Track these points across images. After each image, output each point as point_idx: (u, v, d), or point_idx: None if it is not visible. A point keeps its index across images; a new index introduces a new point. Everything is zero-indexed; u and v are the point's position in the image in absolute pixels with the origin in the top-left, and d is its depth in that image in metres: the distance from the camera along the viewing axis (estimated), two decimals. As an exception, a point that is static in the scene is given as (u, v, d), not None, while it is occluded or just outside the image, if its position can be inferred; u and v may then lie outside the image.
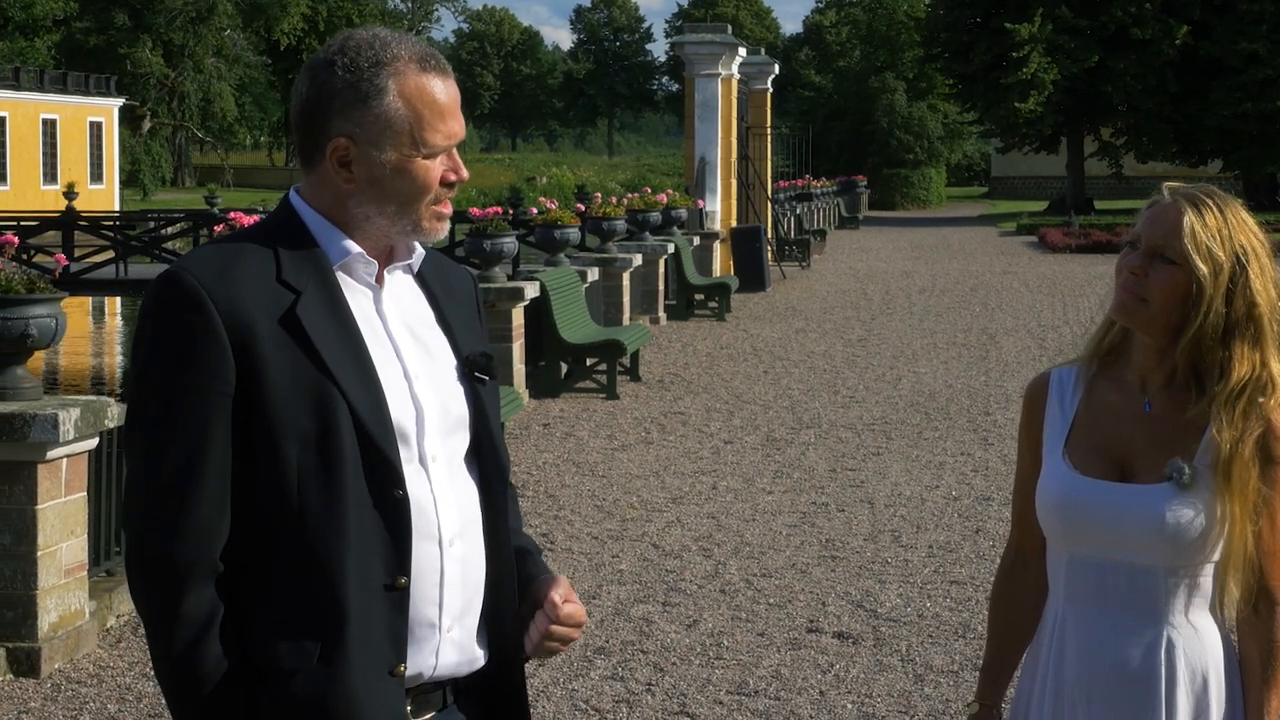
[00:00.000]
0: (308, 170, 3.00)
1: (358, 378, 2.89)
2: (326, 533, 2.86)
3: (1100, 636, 3.41)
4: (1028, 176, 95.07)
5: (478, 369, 3.07)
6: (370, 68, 2.93)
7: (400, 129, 2.93)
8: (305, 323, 2.87)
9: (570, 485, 12.54)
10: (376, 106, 2.92)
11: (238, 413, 2.85)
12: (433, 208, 2.98)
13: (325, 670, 2.85)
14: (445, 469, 2.99)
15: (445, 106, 2.97)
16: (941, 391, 17.71)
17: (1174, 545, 3.34)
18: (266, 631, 2.87)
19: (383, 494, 2.89)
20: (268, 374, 2.84)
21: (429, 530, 2.94)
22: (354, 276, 2.99)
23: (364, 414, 2.88)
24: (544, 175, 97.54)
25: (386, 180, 2.94)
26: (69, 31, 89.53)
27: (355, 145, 2.93)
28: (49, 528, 7.95)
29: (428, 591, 2.94)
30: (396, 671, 2.91)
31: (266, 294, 2.88)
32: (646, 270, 24.81)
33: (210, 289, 2.84)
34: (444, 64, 2.99)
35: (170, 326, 2.87)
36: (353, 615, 2.86)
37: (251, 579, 2.89)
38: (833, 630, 8.66)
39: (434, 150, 2.95)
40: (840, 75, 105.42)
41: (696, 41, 31.79)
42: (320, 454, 2.85)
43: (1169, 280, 3.33)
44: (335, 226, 2.98)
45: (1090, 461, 3.44)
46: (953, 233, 57.34)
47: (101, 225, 28.87)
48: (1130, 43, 67.10)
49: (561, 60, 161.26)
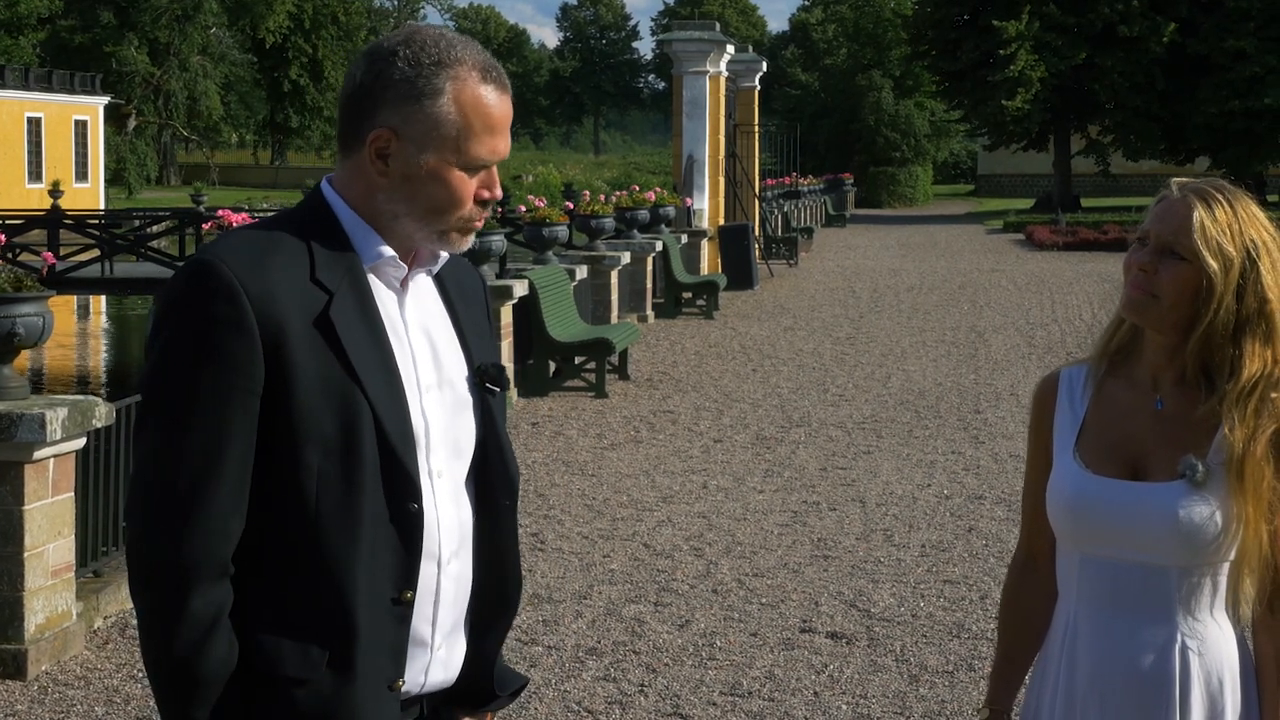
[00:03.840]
0: (344, 157, 2.91)
1: (384, 386, 2.81)
2: (341, 542, 2.78)
3: (1113, 638, 3.35)
4: (1015, 174, 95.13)
5: (489, 380, 2.98)
6: (431, 65, 2.85)
7: (446, 134, 2.84)
8: (338, 326, 2.79)
9: (560, 484, 12.48)
10: (429, 106, 2.83)
11: (263, 411, 2.76)
12: (467, 222, 2.89)
13: (332, 681, 2.79)
14: (449, 484, 2.92)
15: (497, 122, 2.88)
16: (931, 389, 17.67)
17: (1188, 544, 3.29)
18: (273, 637, 2.79)
19: (399, 506, 2.82)
20: (296, 375, 2.75)
21: (430, 547, 2.87)
22: (382, 279, 2.90)
23: (387, 423, 2.80)
24: (530, 173, 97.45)
25: (420, 182, 2.85)
26: (54, 30, 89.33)
27: (397, 139, 2.84)
28: (36, 528, 7.87)
29: (424, 609, 2.88)
30: (395, 686, 2.85)
31: (300, 292, 2.78)
32: (635, 268, 24.76)
33: (245, 281, 2.74)
34: (505, 79, 2.91)
35: (199, 317, 2.75)
36: (362, 627, 2.79)
37: (262, 582, 2.81)
38: (826, 630, 8.60)
39: (474, 163, 2.86)
40: (827, 73, 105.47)
41: (684, 39, 31.72)
42: (342, 461, 2.78)
43: (1179, 277, 3.27)
44: (368, 225, 2.89)
45: (1102, 460, 3.38)
46: (940, 230, 57.36)
47: (86, 224, 28.78)
48: (1118, 40, 67.16)
49: (548, 58, 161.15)
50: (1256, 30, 65.30)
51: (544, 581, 9.55)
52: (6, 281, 7.90)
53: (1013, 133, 71.45)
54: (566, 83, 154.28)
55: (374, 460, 2.79)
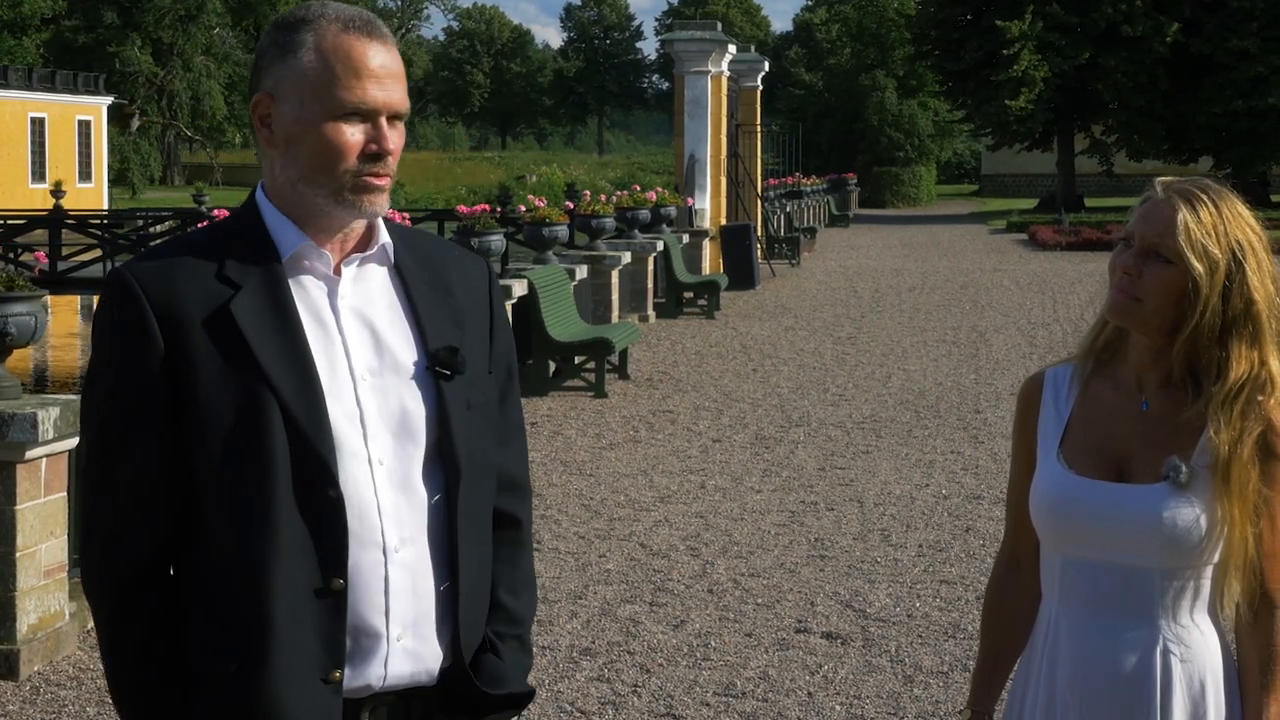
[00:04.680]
0: (259, 146, 2.96)
1: (292, 375, 2.80)
2: (252, 534, 2.78)
3: (1094, 640, 3.33)
4: (1018, 174, 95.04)
5: (440, 364, 2.93)
6: (294, 24, 2.89)
7: (313, 83, 2.85)
8: (239, 318, 2.80)
9: (558, 484, 12.45)
10: (293, 61, 2.86)
11: (172, 410, 2.80)
12: (357, 178, 2.86)
13: (249, 674, 2.78)
14: (395, 472, 2.88)
15: (364, 67, 2.86)
16: (931, 389, 17.64)
17: (1170, 546, 3.26)
18: (197, 634, 2.82)
19: (315, 495, 2.80)
20: (198, 371, 2.79)
21: (371, 535, 2.84)
22: (309, 270, 2.90)
23: (296, 412, 2.79)
24: (534, 173, 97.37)
25: (300, 140, 2.86)
26: (57, 30, 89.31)
27: (274, 101, 2.88)
28: (28, 528, 7.85)
29: (372, 599, 2.85)
30: (331, 678, 2.82)
31: (204, 290, 2.82)
32: (636, 268, 24.73)
33: (146, 286, 2.81)
34: (375, 29, 2.90)
35: (106, 326, 2.85)
36: (278, 619, 2.78)
37: (190, 578, 2.85)
38: (821, 630, 8.57)
39: (344, 108, 2.85)
40: (830, 73, 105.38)
41: (686, 39, 31.70)
42: (249, 453, 2.78)
43: (1163, 279, 3.24)
44: (287, 217, 2.90)
45: (1086, 462, 3.35)
46: (943, 230, 57.30)
47: (88, 224, 28.79)
48: (1121, 40, 67.08)
49: (551, 58, 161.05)
50: (1260, 30, 65.20)
51: (539, 582, 9.48)
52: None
53: (1016, 133, 71.36)
54: (570, 83, 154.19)
55: (284, 449, 2.78)
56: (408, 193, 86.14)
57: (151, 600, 2.84)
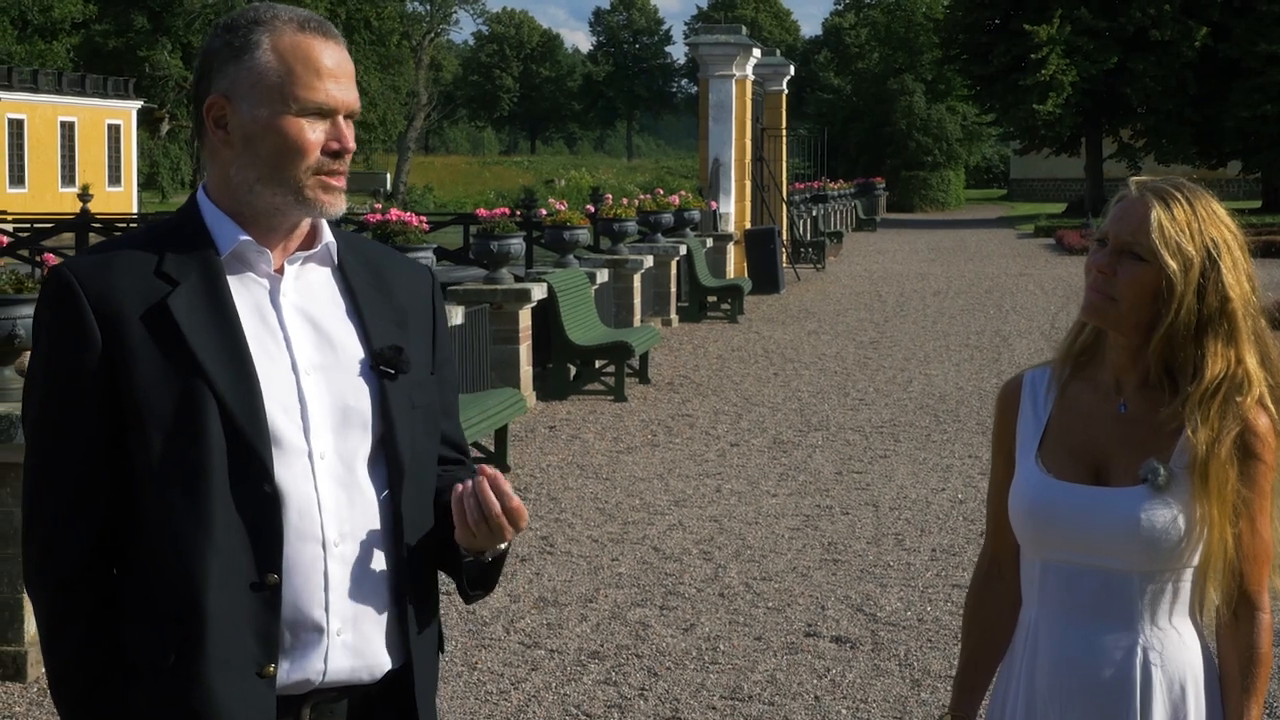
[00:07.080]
0: (204, 149, 2.97)
1: (229, 369, 2.81)
2: (187, 527, 2.79)
3: (1073, 644, 3.31)
4: (1047, 178, 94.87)
5: (384, 362, 2.94)
6: (247, 26, 2.90)
7: (271, 83, 2.87)
8: (176, 313, 2.82)
9: (573, 488, 12.45)
10: (249, 61, 2.88)
11: (110, 406, 2.81)
12: (316, 176, 2.89)
13: (184, 668, 2.79)
14: (337, 467, 2.89)
15: (323, 67, 2.90)
16: (952, 394, 17.60)
17: (1148, 549, 3.24)
18: (136, 627, 2.83)
19: (250, 489, 2.81)
20: (134, 365, 2.80)
21: (309, 530, 2.85)
22: (250, 267, 2.92)
23: (233, 406, 2.80)
24: (563, 178, 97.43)
25: (259, 139, 2.88)
26: (87, 34, 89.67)
27: (229, 102, 2.89)
28: (37, 530, 7.85)
29: (311, 593, 2.85)
30: (265, 672, 2.82)
31: (142, 286, 2.83)
32: (658, 272, 24.71)
33: (84, 282, 2.82)
34: (329, 30, 2.93)
35: (44, 322, 2.87)
36: (212, 613, 2.79)
37: (128, 573, 2.86)
38: (830, 634, 8.55)
39: (306, 107, 2.87)
40: (859, 77, 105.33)
41: (710, 42, 31.70)
42: (184, 446, 2.79)
43: (1137, 278, 3.22)
44: (229, 217, 2.92)
45: (1064, 465, 3.33)
46: (970, 235, 57.20)
47: (115, 227, 28.89)
48: (1149, 44, 66.90)
49: (581, 63, 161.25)
50: (1289, 34, 64.99)
51: (550, 585, 9.52)
52: (7, 283, 7.90)
53: (1044, 137, 71.22)
54: (600, 87, 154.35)
55: (220, 443, 2.79)
56: (436, 196, 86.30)
57: (91, 597, 2.84)
